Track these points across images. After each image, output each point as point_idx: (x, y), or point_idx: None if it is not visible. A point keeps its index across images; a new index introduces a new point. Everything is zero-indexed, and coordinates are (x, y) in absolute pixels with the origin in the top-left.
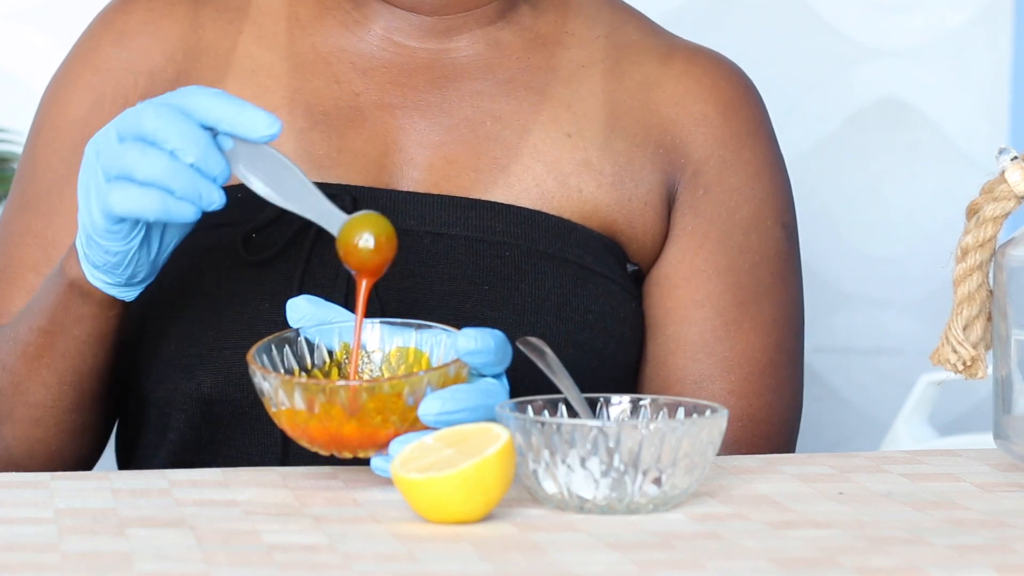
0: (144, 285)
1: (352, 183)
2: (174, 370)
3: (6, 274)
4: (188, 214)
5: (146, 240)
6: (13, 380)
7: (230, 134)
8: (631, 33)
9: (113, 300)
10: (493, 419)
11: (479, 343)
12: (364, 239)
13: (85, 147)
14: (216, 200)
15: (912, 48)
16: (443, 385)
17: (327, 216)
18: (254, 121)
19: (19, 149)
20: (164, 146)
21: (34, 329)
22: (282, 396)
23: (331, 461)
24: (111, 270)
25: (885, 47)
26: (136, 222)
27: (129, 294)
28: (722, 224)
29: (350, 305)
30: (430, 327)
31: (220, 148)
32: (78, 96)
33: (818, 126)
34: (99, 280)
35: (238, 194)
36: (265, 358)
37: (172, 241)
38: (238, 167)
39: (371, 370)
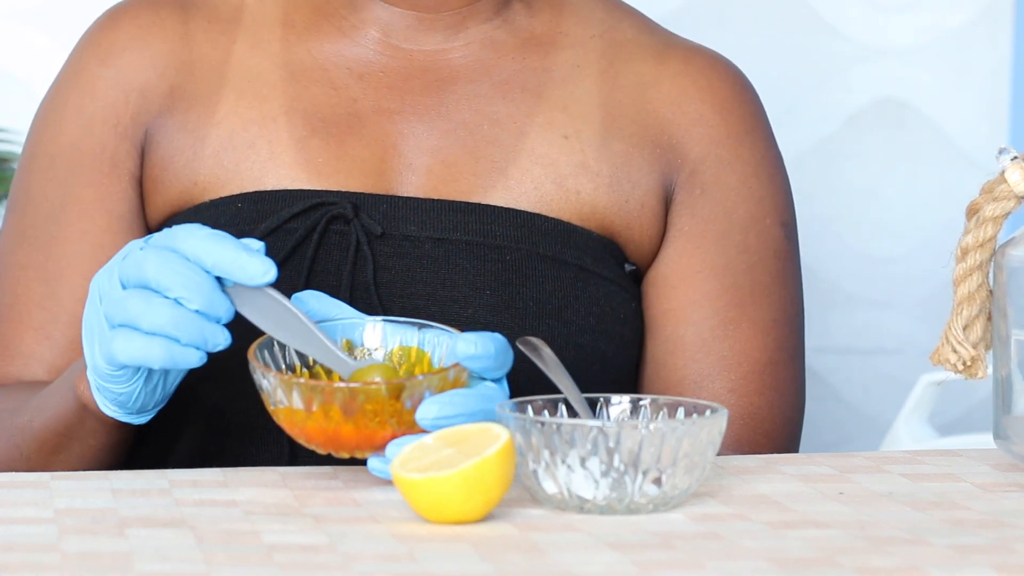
0: (156, 411)
1: (352, 190)
2: (182, 382)
3: (12, 312)
4: (193, 360)
5: (149, 380)
6: (30, 466)
7: (227, 279)
8: (626, 32)
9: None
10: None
11: (479, 348)
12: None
13: (90, 284)
14: (222, 342)
15: (912, 48)
16: (442, 389)
17: (333, 360)
18: (250, 268)
19: (19, 149)
20: (168, 294)
21: (48, 431)
22: (280, 395)
23: (331, 461)
24: (120, 405)
25: (885, 47)
26: (139, 367)
27: (141, 419)
28: (719, 224)
29: (353, 308)
30: (433, 327)
31: (224, 290)
32: (68, 120)
33: (818, 126)
34: (110, 410)
35: (238, 203)
36: (267, 354)
37: (178, 377)
38: (241, 307)
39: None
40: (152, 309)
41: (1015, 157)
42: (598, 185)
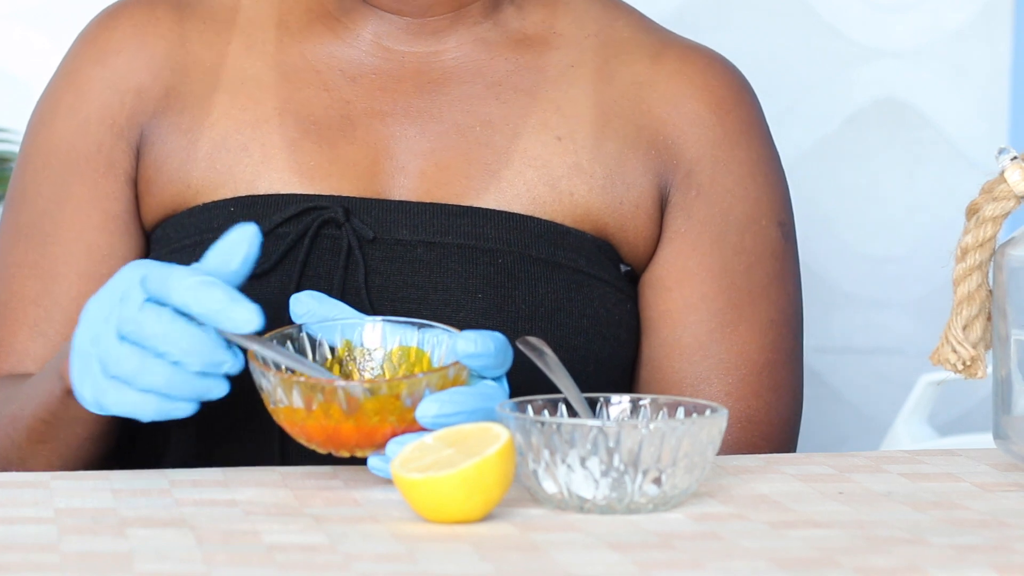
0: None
1: (344, 193)
2: None
3: (7, 310)
4: (185, 412)
5: None
6: (20, 455)
7: (214, 326)
8: (621, 30)
9: None
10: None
11: (479, 346)
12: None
13: (81, 314)
14: (220, 394)
15: (912, 48)
16: (442, 387)
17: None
18: (237, 318)
19: (18, 149)
20: (167, 357)
21: (36, 418)
22: (280, 394)
23: (330, 461)
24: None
25: (885, 47)
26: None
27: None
28: (716, 225)
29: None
30: (432, 327)
31: (226, 342)
32: (63, 119)
33: (818, 126)
34: (94, 408)
35: (230, 207)
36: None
37: None
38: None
39: (372, 368)
40: (148, 371)
41: (1015, 157)
42: (592, 186)
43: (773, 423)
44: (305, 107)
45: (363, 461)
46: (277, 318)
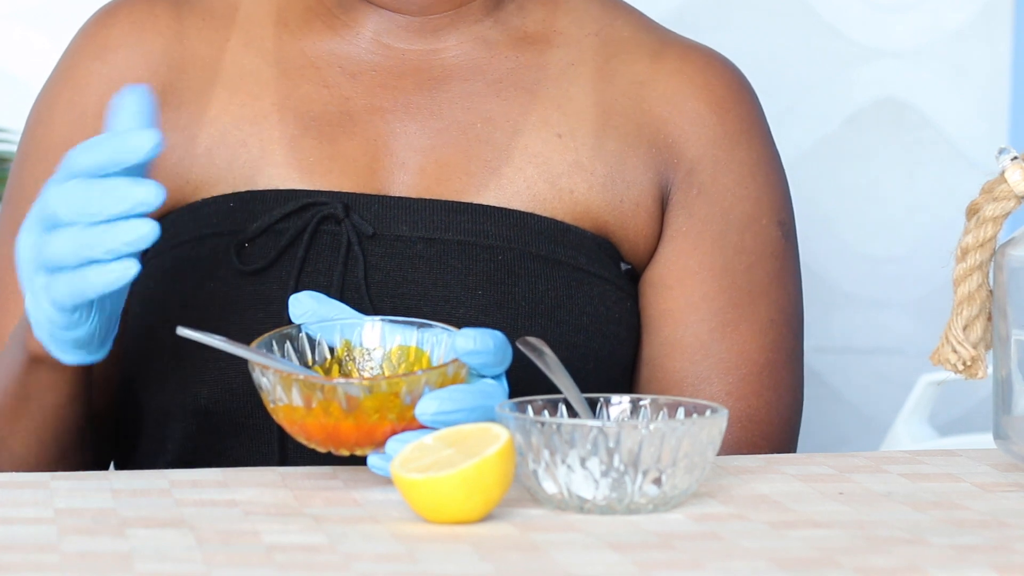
0: (111, 342)
1: (344, 189)
2: (170, 382)
3: (1, 302)
4: (132, 268)
5: (103, 309)
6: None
7: (123, 171)
8: (622, 29)
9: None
10: (491, 420)
11: (478, 343)
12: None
13: (15, 250)
14: (152, 233)
15: (912, 48)
16: (441, 385)
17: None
18: (134, 145)
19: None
20: (80, 220)
21: (8, 395)
22: (280, 392)
23: (330, 460)
24: (78, 348)
25: (885, 47)
26: (89, 303)
27: (99, 356)
28: (717, 224)
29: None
30: (431, 326)
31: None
32: (61, 114)
33: (818, 126)
34: (68, 356)
35: (229, 203)
36: (265, 351)
37: (123, 295)
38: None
39: (371, 368)
40: (76, 239)
41: (1015, 157)
42: (592, 184)
43: (773, 423)
44: (305, 103)
45: (363, 460)
46: (277, 314)
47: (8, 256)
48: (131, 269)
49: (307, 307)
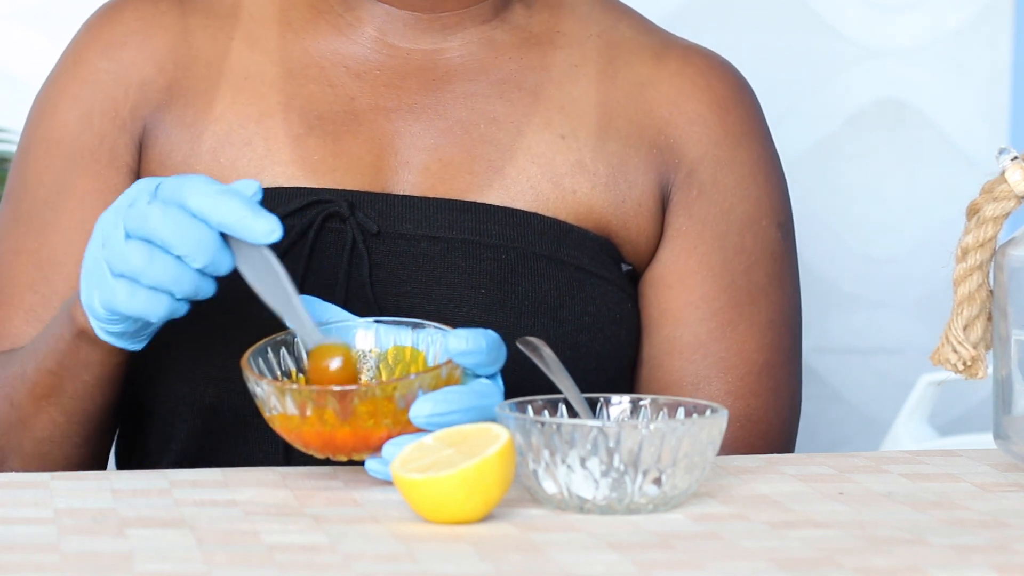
0: (149, 340)
1: (348, 188)
2: (176, 380)
3: (3, 295)
4: (182, 311)
5: (138, 321)
6: (20, 416)
7: (232, 235)
8: (624, 31)
9: (123, 348)
10: (487, 420)
11: (470, 343)
12: (332, 362)
13: (94, 228)
14: (211, 291)
15: (912, 48)
16: (435, 387)
17: (305, 331)
18: (257, 227)
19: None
20: (172, 251)
21: (42, 370)
22: (275, 401)
23: (330, 460)
24: (117, 336)
25: (885, 47)
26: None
27: (138, 345)
28: (717, 225)
29: (348, 310)
30: (426, 326)
31: (227, 245)
32: (66, 110)
33: (818, 126)
34: (108, 336)
35: None
36: (261, 361)
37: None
38: (238, 261)
39: (368, 370)
40: (155, 266)
41: (1015, 157)
42: (595, 184)
43: (772, 423)
44: (309, 102)
45: (361, 463)
46: None
47: (10, 251)
48: (183, 310)
49: None
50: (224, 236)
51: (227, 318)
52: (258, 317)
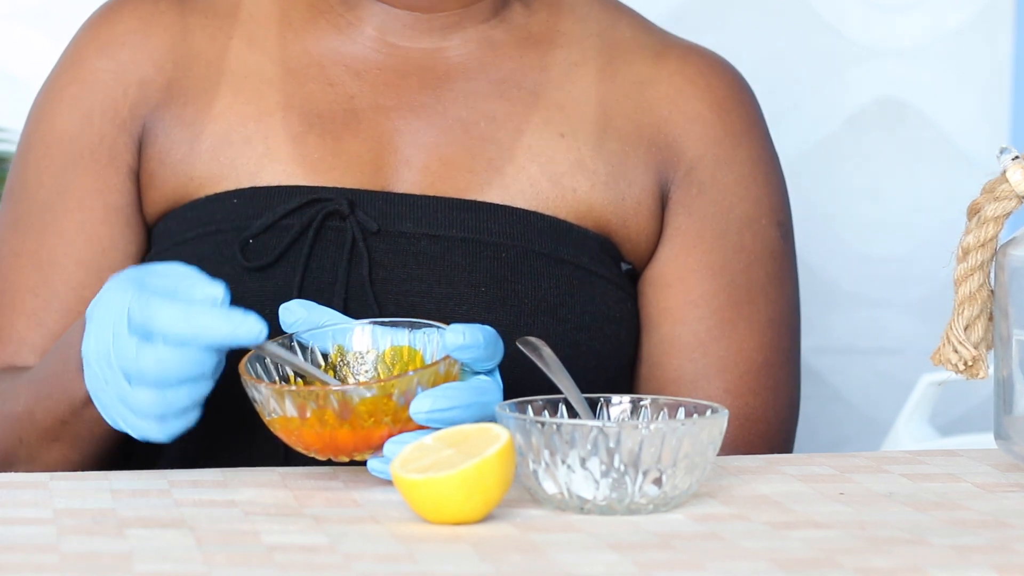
0: None
1: (348, 186)
2: None
3: (4, 298)
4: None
5: None
6: (30, 453)
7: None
8: (623, 31)
9: None
10: (486, 417)
11: (468, 338)
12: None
13: (82, 354)
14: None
15: (912, 48)
16: (434, 383)
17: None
18: (245, 336)
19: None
20: (176, 380)
21: (52, 416)
22: (274, 404)
23: (331, 461)
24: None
25: (885, 47)
26: None
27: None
28: (716, 223)
29: (349, 310)
30: (422, 324)
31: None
32: (66, 110)
33: (818, 126)
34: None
35: (233, 199)
36: (258, 365)
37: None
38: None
39: (366, 371)
40: (169, 402)
41: (1016, 157)
42: (594, 183)
43: (770, 422)
44: (309, 101)
45: (362, 463)
46: None
47: (11, 253)
48: (195, 417)
49: (298, 315)
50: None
51: None
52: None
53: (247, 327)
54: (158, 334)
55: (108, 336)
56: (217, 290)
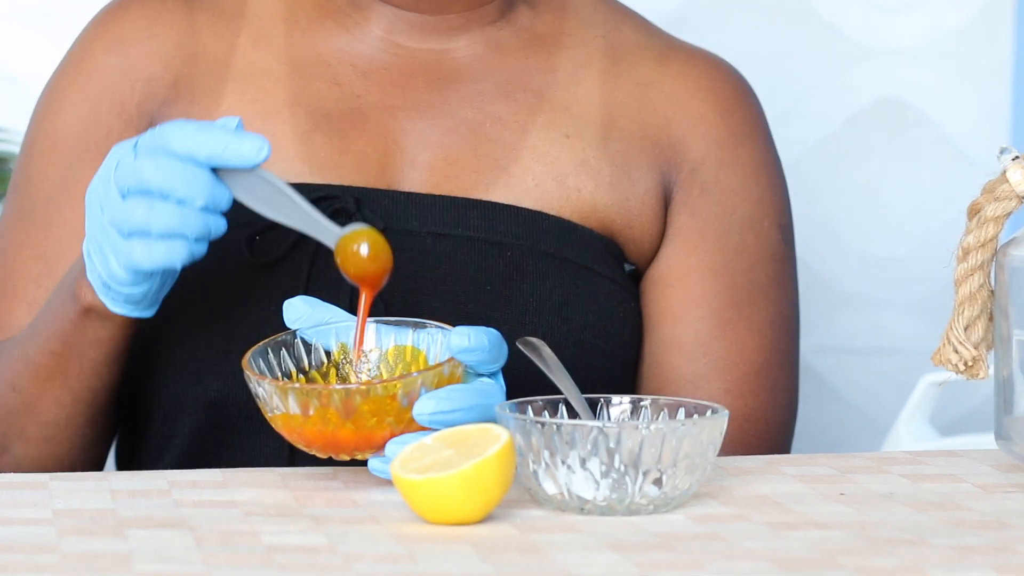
0: (160, 302)
1: (354, 184)
2: (181, 374)
3: (6, 287)
4: (202, 251)
5: (159, 277)
6: (24, 400)
7: (223, 167)
8: (628, 33)
9: (134, 319)
10: (489, 419)
11: (472, 341)
12: (361, 247)
13: (85, 198)
14: (223, 227)
15: (912, 48)
16: (438, 385)
17: (324, 231)
18: (244, 150)
19: (19, 149)
20: (170, 197)
21: (46, 352)
22: (277, 401)
23: (330, 461)
24: (134, 304)
25: (885, 47)
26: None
27: (148, 313)
28: (718, 224)
29: (355, 307)
30: (426, 325)
31: (220, 179)
32: (73, 106)
33: (818, 126)
34: (124, 306)
35: None
36: (261, 362)
37: (176, 272)
38: (235, 191)
39: (368, 370)
40: (159, 215)
41: (1016, 157)
42: (599, 184)
43: (769, 422)
44: (316, 100)
45: (363, 462)
46: None
47: (15, 244)
48: (203, 250)
49: (301, 312)
50: (218, 170)
51: (232, 312)
52: (264, 310)
53: (249, 141)
54: (164, 148)
55: (111, 163)
56: (231, 120)
